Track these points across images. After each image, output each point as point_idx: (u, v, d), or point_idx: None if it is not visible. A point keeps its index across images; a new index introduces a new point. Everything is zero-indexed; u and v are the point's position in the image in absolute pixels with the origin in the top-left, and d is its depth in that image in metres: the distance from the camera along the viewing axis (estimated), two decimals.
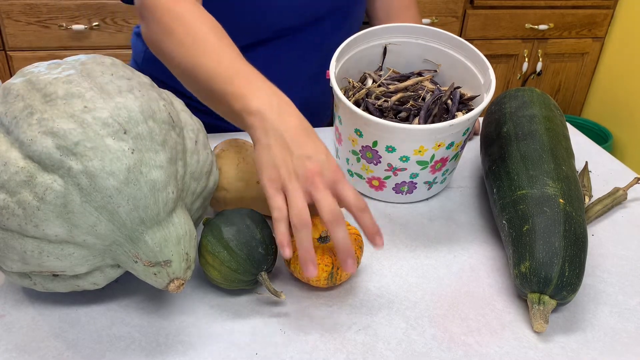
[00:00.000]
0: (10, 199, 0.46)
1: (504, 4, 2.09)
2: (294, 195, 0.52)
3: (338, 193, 0.53)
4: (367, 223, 0.53)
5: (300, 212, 0.51)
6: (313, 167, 0.53)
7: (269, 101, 0.56)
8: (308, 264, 0.52)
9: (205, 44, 0.62)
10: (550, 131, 0.71)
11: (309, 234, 0.51)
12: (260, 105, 0.56)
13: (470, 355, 0.53)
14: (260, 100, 0.56)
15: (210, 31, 0.63)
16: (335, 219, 0.51)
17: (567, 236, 0.57)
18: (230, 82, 0.58)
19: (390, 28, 0.79)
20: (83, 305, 0.56)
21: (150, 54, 0.93)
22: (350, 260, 0.53)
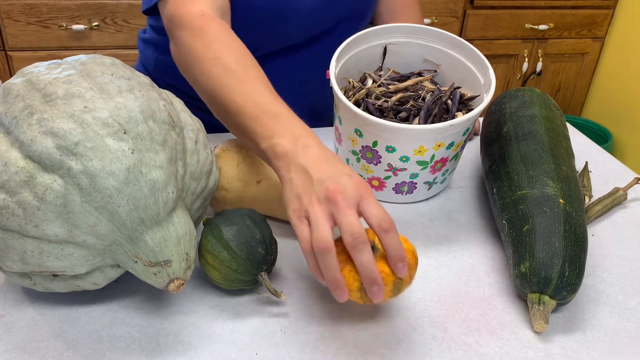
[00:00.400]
0: (10, 199, 0.46)
1: (504, 4, 2.09)
2: (315, 220, 0.49)
3: (362, 210, 0.50)
4: (391, 246, 0.49)
5: (319, 238, 0.48)
6: (333, 187, 0.50)
7: (293, 142, 0.55)
8: (337, 291, 0.49)
9: (233, 76, 0.61)
10: (550, 131, 0.71)
11: (332, 259, 0.48)
12: (285, 146, 0.55)
13: (470, 355, 0.53)
14: (285, 141, 0.55)
15: (238, 61, 0.62)
16: (356, 243, 0.48)
17: (567, 236, 0.57)
18: (257, 120, 0.57)
19: (390, 28, 0.79)
20: (83, 305, 0.56)
21: (162, 62, 0.93)
22: (375, 288, 0.48)
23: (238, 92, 0.60)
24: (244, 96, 0.59)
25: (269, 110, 0.58)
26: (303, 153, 0.54)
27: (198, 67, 0.63)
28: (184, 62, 0.66)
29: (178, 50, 0.67)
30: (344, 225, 0.48)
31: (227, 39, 0.65)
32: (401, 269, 0.49)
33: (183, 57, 0.66)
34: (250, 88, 0.60)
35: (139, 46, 0.99)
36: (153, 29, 0.93)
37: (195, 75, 0.64)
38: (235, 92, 0.60)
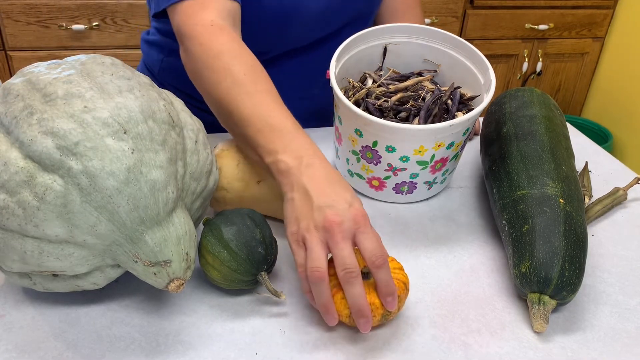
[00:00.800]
0: (10, 199, 0.46)
1: (504, 4, 2.09)
2: (311, 248, 0.51)
3: (357, 242, 0.51)
4: (382, 282, 0.50)
5: (313, 267, 0.50)
6: (332, 217, 0.51)
7: (297, 159, 0.56)
8: (327, 317, 0.51)
9: (242, 88, 0.61)
10: (550, 131, 0.71)
11: (324, 288, 0.50)
12: (288, 163, 0.56)
13: (470, 355, 0.53)
14: (289, 157, 0.56)
15: (248, 73, 0.63)
16: (348, 277, 0.49)
17: (567, 236, 0.57)
18: (262, 134, 0.58)
19: (390, 28, 0.79)
20: (83, 305, 0.56)
21: (168, 64, 0.93)
22: (363, 320, 0.50)
23: (246, 104, 0.60)
24: (251, 108, 0.60)
25: (275, 124, 0.58)
26: (306, 173, 0.54)
27: (208, 77, 0.64)
28: (194, 71, 0.67)
29: (188, 59, 0.68)
30: (338, 258, 0.50)
31: (237, 50, 0.65)
32: (390, 303, 0.51)
33: (193, 66, 0.67)
34: (258, 100, 0.60)
35: (142, 48, 0.99)
36: (159, 31, 0.93)
37: (205, 85, 0.65)
38: (243, 103, 0.60)
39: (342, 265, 0.49)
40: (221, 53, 0.64)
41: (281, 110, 0.60)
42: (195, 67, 0.66)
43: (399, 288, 0.53)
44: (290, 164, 0.55)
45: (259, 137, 0.58)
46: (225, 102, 0.62)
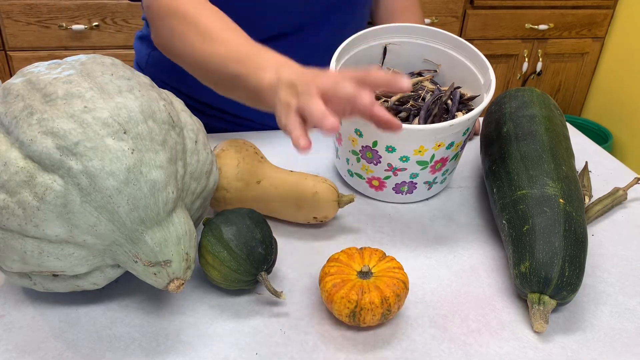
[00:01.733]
0: (10, 199, 0.46)
1: (504, 4, 2.09)
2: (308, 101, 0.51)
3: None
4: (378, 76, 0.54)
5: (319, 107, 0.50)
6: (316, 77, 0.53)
7: (277, 69, 0.57)
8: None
9: (212, 34, 0.63)
10: (550, 131, 0.71)
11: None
12: (271, 76, 0.57)
13: (470, 355, 0.53)
14: (269, 74, 0.57)
15: (214, 21, 0.65)
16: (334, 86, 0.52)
17: (567, 236, 0.57)
18: (241, 62, 0.60)
19: (390, 28, 0.79)
20: (83, 305, 0.56)
21: (154, 58, 0.93)
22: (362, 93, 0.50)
23: (218, 45, 0.62)
24: (226, 48, 0.62)
25: (250, 51, 0.61)
26: (286, 73, 0.56)
27: (179, 40, 0.66)
28: (165, 42, 0.68)
29: (159, 33, 0.69)
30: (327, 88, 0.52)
31: (200, 5, 0.67)
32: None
33: (164, 38, 0.68)
34: (230, 40, 0.63)
35: (135, 46, 0.99)
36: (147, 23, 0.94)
37: (179, 49, 0.66)
38: (216, 46, 0.62)
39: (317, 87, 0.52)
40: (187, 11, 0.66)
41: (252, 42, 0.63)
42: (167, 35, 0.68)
43: (399, 287, 0.53)
44: (272, 76, 0.57)
45: (239, 68, 0.60)
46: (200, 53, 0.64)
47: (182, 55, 0.67)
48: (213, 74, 0.64)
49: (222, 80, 0.64)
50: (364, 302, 0.52)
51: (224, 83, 0.64)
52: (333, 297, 0.53)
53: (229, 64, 0.61)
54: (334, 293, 0.53)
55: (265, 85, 0.57)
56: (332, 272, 0.54)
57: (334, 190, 0.68)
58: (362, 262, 0.56)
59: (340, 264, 0.55)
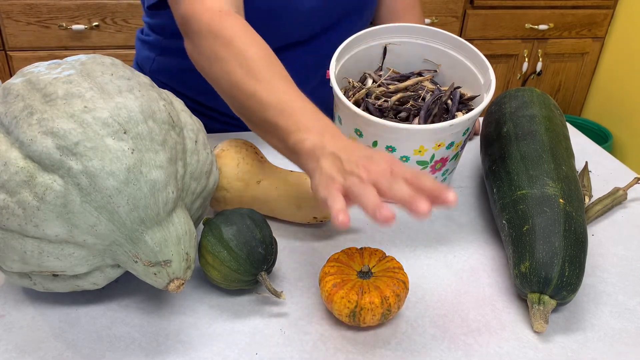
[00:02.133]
0: (10, 199, 0.46)
1: (504, 4, 2.09)
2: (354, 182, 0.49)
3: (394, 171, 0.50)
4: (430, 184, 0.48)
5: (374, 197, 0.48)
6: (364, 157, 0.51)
7: (320, 135, 0.55)
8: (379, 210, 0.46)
9: (256, 72, 0.60)
10: (550, 131, 0.71)
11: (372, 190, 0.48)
12: (313, 140, 0.55)
13: (470, 355, 0.53)
14: (313, 135, 0.55)
15: (261, 58, 0.61)
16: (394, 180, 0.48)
17: (567, 236, 0.57)
18: (283, 115, 0.57)
19: (390, 28, 0.79)
20: (83, 305, 0.56)
21: (161, 63, 0.92)
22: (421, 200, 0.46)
23: (264, 88, 0.59)
24: (270, 92, 0.59)
25: (295, 105, 0.58)
26: (331, 143, 0.54)
27: (220, 66, 0.62)
28: (203, 62, 0.65)
29: (196, 50, 0.66)
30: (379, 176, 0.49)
31: (247, 35, 0.63)
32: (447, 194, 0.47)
33: (202, 56, 0.65)
34: (275, 84, 0.60)
35: (136, 46, 0.99)
36: (151, 29, 0.92)
37: (217, 74, 0.63)
38: (261, 88, 0.59)
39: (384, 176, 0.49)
40: (233, 39, 0.63)
41: (298, 92, 0.60)
42: (205, 58, 0.64)
43: (399, 287, 0.53)
44: (314, 141, 0.55)
45: (280, 120, 0.57)
46: (240, 87, 0.60)
47: (219, 81, 0.63)
48: (249, 112, 0.61)
49: (257, 121, 0.60)
50: (364, 302, 0.52)
51: (258, 124, 0.61)
52: (333, 297, 0.53)
53: (270, 110, 0.58)
54: (334, 293, 0.53)
55: (305, 148, 0.55)
56: (332, 272, 0.54)
57: None
58: (362, 262, 0.56)
59: (340, 264, 0.55)
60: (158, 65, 0.93)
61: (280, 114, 0.57)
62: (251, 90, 0.60)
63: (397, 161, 0.52)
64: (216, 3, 0.66)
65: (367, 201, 0.47)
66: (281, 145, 0.59)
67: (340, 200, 0.48)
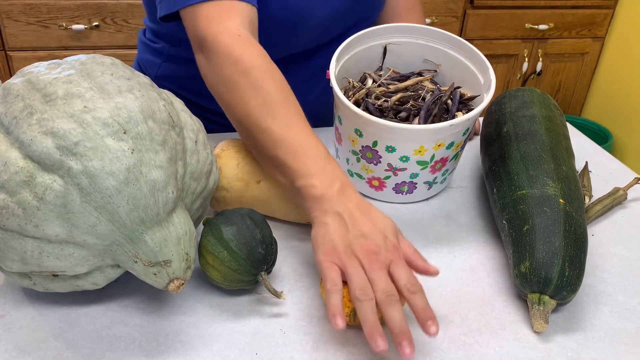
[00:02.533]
0: (10, 199, 0.46)
1: (504, 4, 2.09)
2: (355, 270, 0.51)
3: (392, 272, 0.52)
4: (419, 306, 0.50)
5: (363, 287, 0.50)
6: (369, 247, 0.52)
7: (330, 185, 0.56)
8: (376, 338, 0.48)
9: (273, 108, 0.59)
10: (551, 131, 0.71)
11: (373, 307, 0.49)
12: (322, 188, 0.55)
13: (470, 355, 0.53)
14: (323, 184, 0.55)
15: (278, 93, 0.61)
16: (389, 301, 0.49)
17: (567, 236, 0.57)
18: (294, 157, 0.57)
19: (390, 28, 0.79)
20: (83, 305, 0.56)
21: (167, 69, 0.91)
22: (405, 343, 0.48)
23: (277, 124, 0.59)
24: (283, 130, 0.58)
25: (308, 148, 0.58)
26: (339, 200, 0.55)
27: (236, 94, 0.61)
28: (219, 84, 0.63)
29: (212, 70, 0.64)
30: (378, 284, 0.50)
31: (267, 66, 0.62)
32: (430, 327, 0.49)
33: (218, 79, 0.63)
34: (290, 122, 0.59)
35: (139, 47, 0.98)
36: (157, 35, 0.91)
37: (230, 100, 0.62)
38: (274, 124, 0.59)
39: (382, 290, 0.50)
40: (251, 68, 0.61)
41: (312, 135, 0.59)
42: (220, 80, 0.63)
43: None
44: (323, 190, 0.55)
45: (290, 160, 0.57)
46: (254, 120, 0.60)
47: (233, 108, 0.62)
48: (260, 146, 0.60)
49: (267, 156, 0.60)
50: None
51: (268, 158, 0.60)
52: None
53: (281, 148, 0.58)
54: None
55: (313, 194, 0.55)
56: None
57: None
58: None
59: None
60: (164, 71, 0.91)
61: (292, 155, 0.57)
62: (264, 125, 0.59)
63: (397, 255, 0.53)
64: (234, 26, 0.64)
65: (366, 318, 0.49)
66: (287, 184, 0.59)
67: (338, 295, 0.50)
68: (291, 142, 0.58)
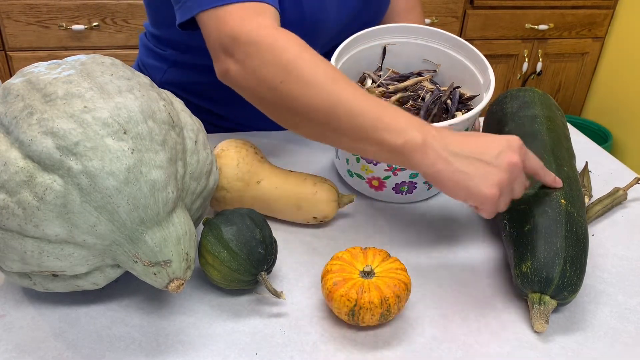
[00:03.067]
0: (10, 199, 0.46)
1: (504, 4, 2.09)
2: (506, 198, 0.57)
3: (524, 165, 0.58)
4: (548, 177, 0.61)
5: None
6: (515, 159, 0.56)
7: (423, 133, 0.55)
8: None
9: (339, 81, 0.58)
10: (552, 132, 0.71)
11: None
12: (422, 138, 0.55)
13: (470, 355, 0.53)
14: (418, 133, 0.55)
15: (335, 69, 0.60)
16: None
17: (569, 237, 0.57)
18: (381, 120, 0.56)
19: (390, 28, 0.79)
20: (83, 305, 0.56)
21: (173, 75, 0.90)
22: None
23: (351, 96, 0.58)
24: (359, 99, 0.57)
25: (388, 109, 0.57)
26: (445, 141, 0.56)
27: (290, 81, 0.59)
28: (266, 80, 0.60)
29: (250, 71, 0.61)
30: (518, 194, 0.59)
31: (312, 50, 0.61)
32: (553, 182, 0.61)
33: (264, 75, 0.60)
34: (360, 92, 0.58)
35: (141, 50, 0.96)
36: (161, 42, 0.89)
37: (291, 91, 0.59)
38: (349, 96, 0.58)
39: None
40: (303, 51, 0.60)
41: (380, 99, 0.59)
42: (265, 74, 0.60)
43: (400, 289, 0.53)
44: (425, 138, 0.55)
45: (378, 124, 0.56)
46: (324, 98, 0.58)
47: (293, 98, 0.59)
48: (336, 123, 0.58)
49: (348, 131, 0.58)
50: (362, 302, 0.52)
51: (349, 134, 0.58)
52: (333, 295, 0.53)
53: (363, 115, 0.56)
54: (334, 291, 0.53)
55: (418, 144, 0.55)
56: (334, 269, 0.54)
57: (334, 190, 0.68)
58: (365, 261, 0.56)
59: (343, 262, 0.55)
60: (170, 77, 0.90)
61: (377, 119, 0.56)
62: (335, 100, 0.57)
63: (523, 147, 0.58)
64: (270, 23, 0.63)
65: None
66: (382, 150, 0.57)
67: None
68: (369, 108, 0.57)
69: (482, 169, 0.55)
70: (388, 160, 0.59)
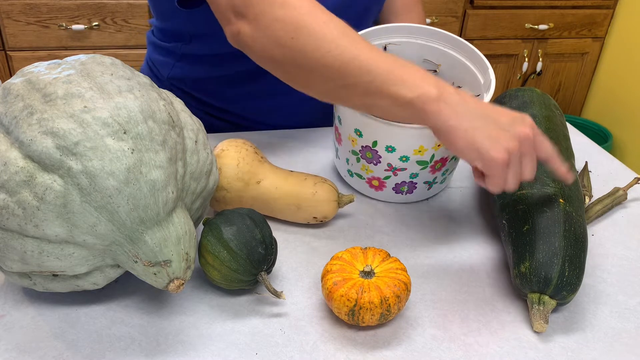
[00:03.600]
0: (10, 199, 0.46)
1: (504, 4, 2.09)
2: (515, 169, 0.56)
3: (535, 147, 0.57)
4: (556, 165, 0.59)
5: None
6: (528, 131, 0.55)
7: (438, 88, 0.55)
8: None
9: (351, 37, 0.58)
10: (551, 131, 0.71)
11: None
12: (436, 92, 0.55)
13: (470, 355, 0.53)
14: (433, 88, 0.55)
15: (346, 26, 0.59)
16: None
17: (567, 236, 0.57)
18: (395, 74, 0.56)
19: (390, 28, 0.79)
20: (83, 305, 0.56)
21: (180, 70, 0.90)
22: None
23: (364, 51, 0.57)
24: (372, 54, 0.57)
25: (402, 64, 0.57)
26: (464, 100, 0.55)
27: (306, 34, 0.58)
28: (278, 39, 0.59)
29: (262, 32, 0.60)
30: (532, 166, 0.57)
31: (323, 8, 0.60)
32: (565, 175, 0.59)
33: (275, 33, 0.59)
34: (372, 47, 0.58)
35: (149, 47, 0.96)
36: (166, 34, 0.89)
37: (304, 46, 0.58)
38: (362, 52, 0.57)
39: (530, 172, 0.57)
40: (313, 7, 0.59)
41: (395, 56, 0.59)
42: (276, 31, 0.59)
43: (400, 289, 0.53)
44: (438, 92, 0.55)
45: (391, 77, 0.56)
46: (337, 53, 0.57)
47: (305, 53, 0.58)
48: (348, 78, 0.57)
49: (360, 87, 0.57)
50: (362, 302, 0.52)
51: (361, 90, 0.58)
52: (333, 295, 0.53)
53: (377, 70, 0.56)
54: (334, 291, 0.53)
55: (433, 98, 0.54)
56: (334, 269, 0.54)
57: (334, 190, 0.68)
58: (365, 261, 0.56)
59: (343, 262, 0.55)
60: (177, 72, 0.90)
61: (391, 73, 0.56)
62: (349, 55, 0.57)
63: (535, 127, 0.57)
64: None
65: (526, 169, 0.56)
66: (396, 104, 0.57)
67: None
68: (383, 62, 0.57)
69: (495, 133, 0.54)
70: (398, 116, 0.58)
